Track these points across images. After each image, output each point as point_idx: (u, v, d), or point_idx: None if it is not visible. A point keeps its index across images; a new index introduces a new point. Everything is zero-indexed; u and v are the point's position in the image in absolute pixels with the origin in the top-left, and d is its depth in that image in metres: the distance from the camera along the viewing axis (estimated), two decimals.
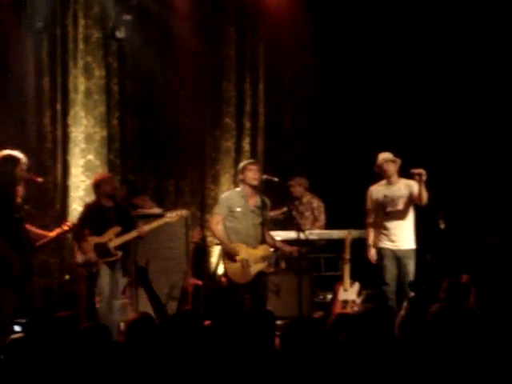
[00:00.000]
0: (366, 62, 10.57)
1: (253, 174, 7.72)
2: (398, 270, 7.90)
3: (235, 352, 4.02)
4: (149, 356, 4.03)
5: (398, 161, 8.02)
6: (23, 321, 6.02)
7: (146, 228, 7.70)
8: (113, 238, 7.56)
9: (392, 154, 8.06)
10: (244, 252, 7.60)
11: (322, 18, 10.65)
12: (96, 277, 7.61)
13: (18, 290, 6.34)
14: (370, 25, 10.47)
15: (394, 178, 8.04)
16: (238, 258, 7.55)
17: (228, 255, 7.65)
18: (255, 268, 7.59)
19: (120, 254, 7.61)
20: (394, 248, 7.95)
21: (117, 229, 7.59)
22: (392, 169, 8.01)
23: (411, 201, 7.90)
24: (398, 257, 7.91)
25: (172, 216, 7.85)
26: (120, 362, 3.84)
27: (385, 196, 8.03)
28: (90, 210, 7.80)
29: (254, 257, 7.60)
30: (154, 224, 7.80)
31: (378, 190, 8.12)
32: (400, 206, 7.96)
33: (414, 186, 7.84)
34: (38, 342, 4.47)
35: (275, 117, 10.94)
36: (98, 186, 7.80)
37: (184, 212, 7.98)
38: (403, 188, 7.97)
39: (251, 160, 8.76)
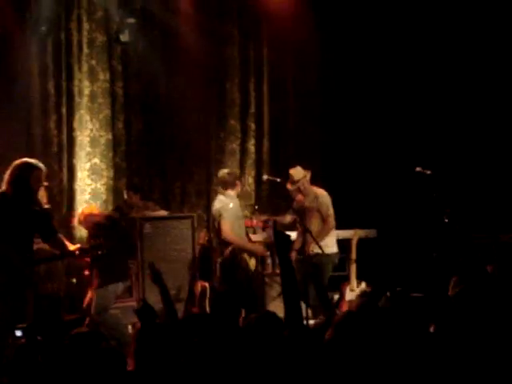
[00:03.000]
0: (371, 60, 10.55)
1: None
2: None
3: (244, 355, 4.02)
4: (161, 359, 4.02)
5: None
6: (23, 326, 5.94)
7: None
8: None
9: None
10: None
11: (325, 18, 10.66)
12: None
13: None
14: (375, 22, 10.45)
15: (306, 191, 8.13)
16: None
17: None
18: None
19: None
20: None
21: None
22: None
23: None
24: None
25: None
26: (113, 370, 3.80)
27: None
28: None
29: None
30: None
31: None
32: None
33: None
34: (43, 346, 4.46)
35: (280, 118, 10.96)
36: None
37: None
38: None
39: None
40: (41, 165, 6.06)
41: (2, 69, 9.20)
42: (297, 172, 8.16)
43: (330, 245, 7.93)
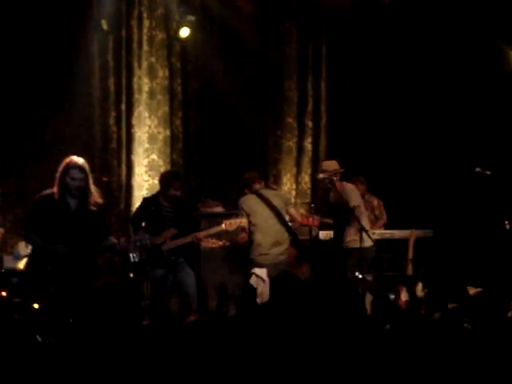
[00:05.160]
0: (432, 58, 10.42)
1: None
2: None
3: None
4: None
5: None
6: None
7: (202, 234, 7.48)
8: (167, 241, 7.38)
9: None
10: None
11: (383, 15, 10.57)
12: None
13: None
14: (436, 21, 10.33)
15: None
16: None
17: None
18: None
19: (173, 258, 7.39)
20: None
21: (172, 231, 7.38)
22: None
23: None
24: None
25: (230, 224, 7.53)
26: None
27: None
28: (147, 206, 7.59)
29: None
30: (211, 231, 7.59)
31: None
32: None
33: None
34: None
35: (337, 116, 10.91)
36: (164, 183, 7.48)
37: (243, 221, 7.64)
38: None
39: None
40: (79, 162, 6.13)
41: (63, 66, 9.35)
42: (327, 164, 8.15)
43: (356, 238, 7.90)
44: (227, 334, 4.09)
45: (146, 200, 7.81)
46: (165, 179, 7.51)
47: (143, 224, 7.53)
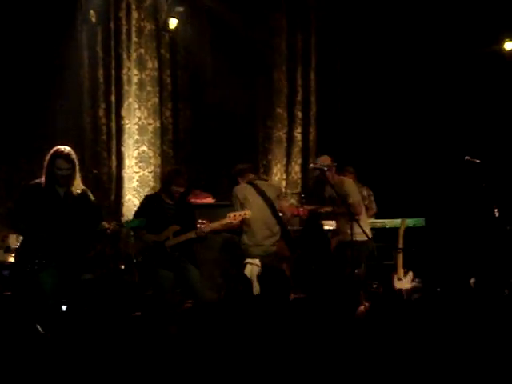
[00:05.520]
0: (421, 49, 10.46)
1: None
2: None
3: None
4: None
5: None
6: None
7: (206, 229, 7.28)
8: (170, 238, 7.23)
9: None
10: None
11: (372, 6, 10.58)
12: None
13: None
14: (425, 8, 10.35)
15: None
16: None
17: None
18: None
19: (177, 254, 7.22)
20: None
21: (175, 227, 7.23)
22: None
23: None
24: None
25: (235, 216, 7.37)
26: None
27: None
28: (149, 203, 7.46)
29: None
30: (215, 225, 7.39)
31: None
32: None
33: None
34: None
35: (327, 106, 10.93)
36: (167, 180, 7.29)
37: (247, 213, 7.45)
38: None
39: None
40: (60, 150, 6.16)
41: (53, 58, 9.33)
42: (321, 159, 8.16)
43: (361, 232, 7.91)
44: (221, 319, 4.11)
45: (147, 197, 7.72)
46: (168, 176, 7.36)
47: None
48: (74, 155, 6.22)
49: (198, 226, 7.27)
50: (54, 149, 6.21)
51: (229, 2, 10.16)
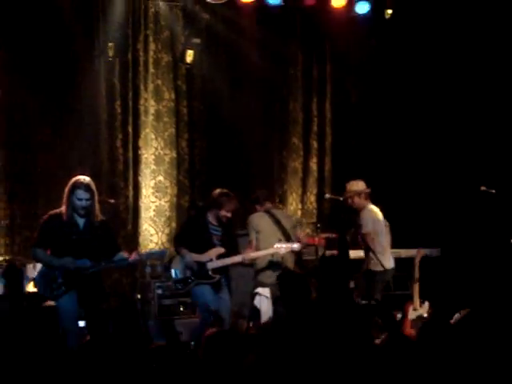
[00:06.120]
0: (437, 78, 10.46)
1: None
2: None
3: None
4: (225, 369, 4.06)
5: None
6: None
7: (252, 255, 7.40)
8: (214, 260, 7.27)
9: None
10: None
11: (386, 36, 10.65)
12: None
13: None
14: (435, 41, 10.39)
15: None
16: None
17: None
18: None
19: (217, 277, 7.28)
20: None
21: (219, 250, 7.29)
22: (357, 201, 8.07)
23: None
24: None
25: (281, 248, 7.43)
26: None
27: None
28: (194, 223, 7.53)
29: None
30: (261, 253, 7.52)
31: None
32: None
33: None
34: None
35: (342, 136, 10.96)
36: (217, 203, 7.31)
37: (296, 246, 7.51)
38: None
39: None
40: (85, 182, 6.23)
41: (71, 89, 9.44)
42: (351, 184, 8.18)
43: (376, 262, 7.91)
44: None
45: (192, 218, 7.77)
46: (217, 199, 7.35)
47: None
48: (93, 185, 6.30)
49: (242, 251, 7.30)
50: (74, 179, 6.29)
51: (244, 32, 10.24)
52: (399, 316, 8.74)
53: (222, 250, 7.28)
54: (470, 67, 10.29)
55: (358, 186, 8.18)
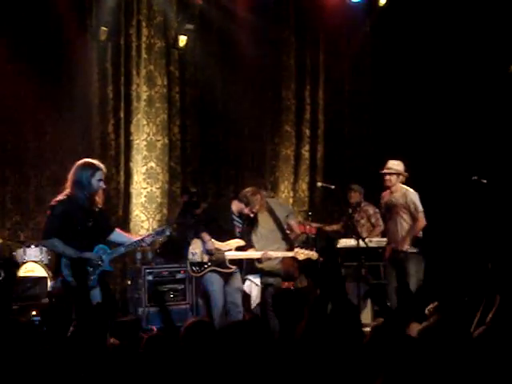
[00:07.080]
0: (426, 66, 10.46)
1: None
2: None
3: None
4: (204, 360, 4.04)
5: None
6: None
7: (271, 254, 7.35)
8: (233, 250, 7.24)
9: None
10: None
11: (380, 24, 10.64)
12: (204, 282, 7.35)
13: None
14: (430, 28, 10.38)
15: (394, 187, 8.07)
16: None
17: None
18: None
19: (233, 268, 7.24)
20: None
21: (239, 242, 7.26)
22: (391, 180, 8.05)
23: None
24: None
25: (300, 253, 7.39)
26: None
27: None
28: (219, 211, 7.45)
29: None
30: (280, 253, 7.56)
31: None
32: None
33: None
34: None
35: (335, 124, 10.95)
36: (247, 200, 7.23)
37: (314, 255, 7.42)
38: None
39: None
40: (102, 165, 6.02)
41: (63, 74, 9.41)
42: (395, 164, 8.15)
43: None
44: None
45: (214, 205, 7.97)
46: (250, 198, 7.27)
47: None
48: None
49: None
50: (91, 161, 6.00)
51: (238, 19, 10.20)
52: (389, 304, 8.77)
53: (242, 242, 7.28)
54: (464, 55, 10.29)
55: (401, 166, 8.15)
